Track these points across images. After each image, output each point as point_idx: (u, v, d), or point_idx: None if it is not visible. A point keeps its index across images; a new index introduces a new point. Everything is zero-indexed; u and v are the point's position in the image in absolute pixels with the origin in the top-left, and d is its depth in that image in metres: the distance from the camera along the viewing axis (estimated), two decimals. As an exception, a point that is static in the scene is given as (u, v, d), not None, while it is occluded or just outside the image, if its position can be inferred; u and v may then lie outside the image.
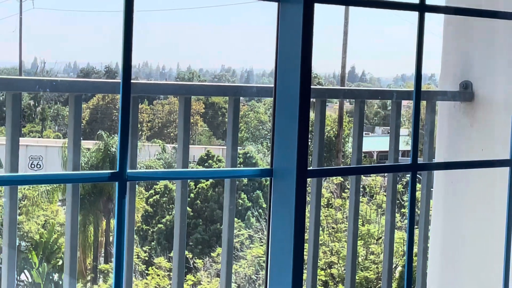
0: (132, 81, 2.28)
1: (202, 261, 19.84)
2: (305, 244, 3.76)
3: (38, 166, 31.57)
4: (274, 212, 2.57)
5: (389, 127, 3.83)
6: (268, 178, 2.59)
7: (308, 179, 2.63)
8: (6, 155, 2.65)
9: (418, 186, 4.06)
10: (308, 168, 2.53)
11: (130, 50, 2.23)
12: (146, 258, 21.47)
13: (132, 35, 2.23)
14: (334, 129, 30.00)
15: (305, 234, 3.90)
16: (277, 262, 2.57)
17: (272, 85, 2.57)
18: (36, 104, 42.17)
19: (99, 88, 3.11)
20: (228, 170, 3.04)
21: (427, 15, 2.97)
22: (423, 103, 3.94)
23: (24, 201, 24.72)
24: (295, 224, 2.51)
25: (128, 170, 2.28)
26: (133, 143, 2.94)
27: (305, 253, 3.71)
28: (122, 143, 2.21)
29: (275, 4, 2.55)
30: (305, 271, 3.70)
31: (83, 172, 2.24)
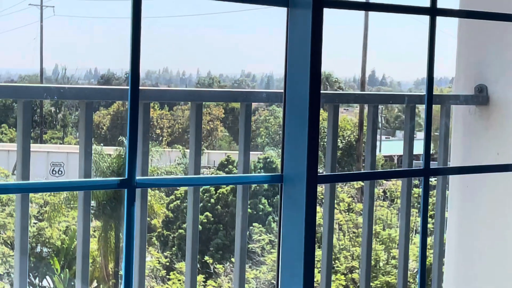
0: (140, 87, 2.28)
1: (223, 266, 19.82)
2: (320, 249, 3.76)
3: (60, 172, 31.70)
4: (284, 218, 2.56)
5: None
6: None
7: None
8: (18, 164, 2.66)
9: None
10: (319, 174, 2.52)
11: (138, 57, 2.24)
12: (167, 264, 21.49)
13: (140, 42, 2.23)
14: (355, 133, 29.96)
15: (321, 239, 3.88)
16: (288, 267, 2.57)
17: (282, 91, 2.56)
18: (57, 111, 42.39)
19: (107, 95, 3.12)
20: (238, 176, 3.03)
21: (445, 19, 2.95)
22: (438, 107, 3.92)
23: (46, 207, 24.84)
24: (306, 230, 2.50)
25: (138, 177, 2.28)
26: (144, 150, 2.93)
27: (319, 258, 3.70)
28: (131, 150, 2.22)
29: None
30: (320, 275, 3.69)
31: (91, 180, 2.24)
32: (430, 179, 3.06)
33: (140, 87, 2.27)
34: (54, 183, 2.17)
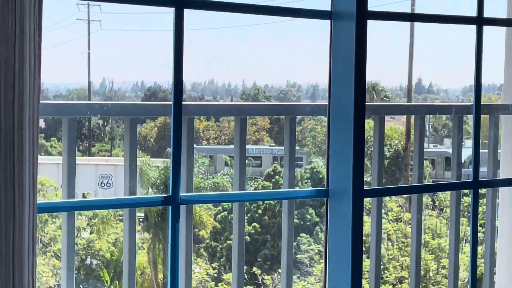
0: (184, 102, 2.27)
1: (271, 277, 19.79)
2: (368, 259, 3.72)
3: (108, 184, 31.93)
4: (331, 231, 2.54)
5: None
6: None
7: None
8: (63, 181, 2.66)
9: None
10: (365, 188, 2.49)
11: (180, 73, 2.23)
12: (215, 275, 21.52)
13: (182, 58, 2.23)
14: (402, 142, 29.72)
15: (369, 249, 3.82)
16: (335, 280, 2.54)
17: (326, 103, 2.54)
18: (105, 124, 42.75)
19: (150, 111, 3.12)
20: (283, 191, 3.01)
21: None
22: (486, 117, 3.85)
23: (95, 219, 25.02)
24: (353, 243, 2.47)
25: (182, 194, 2.27)
26: (189, 166, 2.91)
27: (368, 268, 3.66)
28: (175, 166, 2.21)
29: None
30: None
31: (136, 197, 2.24)
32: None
33: (183, 102, 2.26)
34: (100, 201, 2.17)
